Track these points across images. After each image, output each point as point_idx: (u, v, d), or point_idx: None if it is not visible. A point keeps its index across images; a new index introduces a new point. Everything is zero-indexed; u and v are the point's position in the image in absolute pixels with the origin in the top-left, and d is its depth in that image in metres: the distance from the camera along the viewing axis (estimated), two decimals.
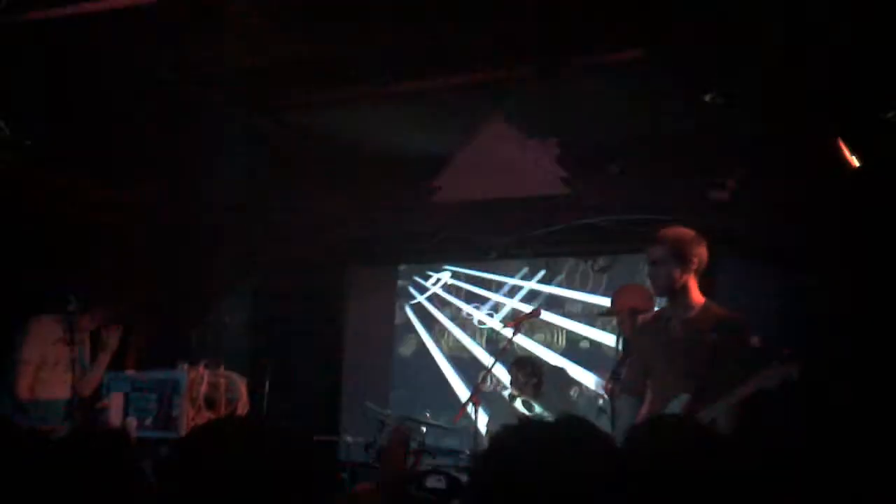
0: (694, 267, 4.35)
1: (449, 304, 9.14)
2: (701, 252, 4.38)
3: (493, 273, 8.98)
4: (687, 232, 4.42)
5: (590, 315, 8.45)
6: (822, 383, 5.15)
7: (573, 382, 8.26)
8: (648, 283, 4.80)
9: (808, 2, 4.84)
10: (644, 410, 4.37)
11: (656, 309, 5.14)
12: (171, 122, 6.66)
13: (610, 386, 4.96)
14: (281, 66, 6.12)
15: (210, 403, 5.77)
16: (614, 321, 6.69)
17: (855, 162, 6.00)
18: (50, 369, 6.18)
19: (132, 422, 5.62)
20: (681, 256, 4.33)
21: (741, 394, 4.02)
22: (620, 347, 5.73)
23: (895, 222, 6.24)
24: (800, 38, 5.18)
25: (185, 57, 5.95)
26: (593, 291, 8.50)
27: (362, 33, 5.60)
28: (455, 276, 9.12)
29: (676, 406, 4.14)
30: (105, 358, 6.35)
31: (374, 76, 6.23)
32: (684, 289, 4.34)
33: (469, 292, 9.04)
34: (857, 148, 6.06)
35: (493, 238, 8.44)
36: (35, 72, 5.76)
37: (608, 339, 8.12)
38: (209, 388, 5.77)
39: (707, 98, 5.71)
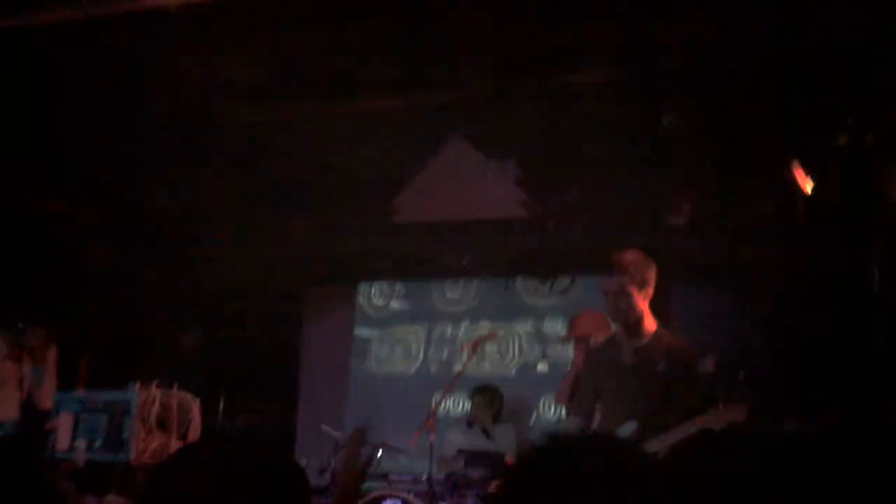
0: (650, 292, 4.34)
1: (406, 325, 9.08)
2: (653, 276, 4.36)
3: (452, 294, 8.94)
4: (640, 255, 4.38)
5: (547, 338, 8.43)
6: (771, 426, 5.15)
7: (532, 409, 8.23)
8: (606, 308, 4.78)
9: (761, 30, 4.90)
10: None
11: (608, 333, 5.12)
12: (129, 137, 6.60)
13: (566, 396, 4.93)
14: (242, 83, 6.10)
15: (162, 425, 5.68)
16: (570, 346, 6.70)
17: (808, 187, 6.08)
18: None
19: (81, 444, 5.51)
20: (642, 283, 4.30)
21: (684, 432, 3.97)
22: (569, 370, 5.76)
23: (848, 246, 6.31)
24: (754, 65, 5.25)
25: (143, 71, 5.91)
26: (552, 313, 8.49)
27: (322, 52, 5.60)
28: (413, 296, 9.07)
29: (623, 434, 4.11)
30: (50, 376, 6.25)
31: (334, 95, 6.23)
32: (640, 315, 4.32)
33: (427, 313, 8.99)
34: (811, 173, 6.14)
35: (452, 258, 8.43)
36: None
37: (565, 362, 8.12)
38: (161, 410, 5.68)
39: (664, 122, 5.76)
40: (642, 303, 4.32)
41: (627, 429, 4.13)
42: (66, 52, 5.51)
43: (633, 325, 4.33)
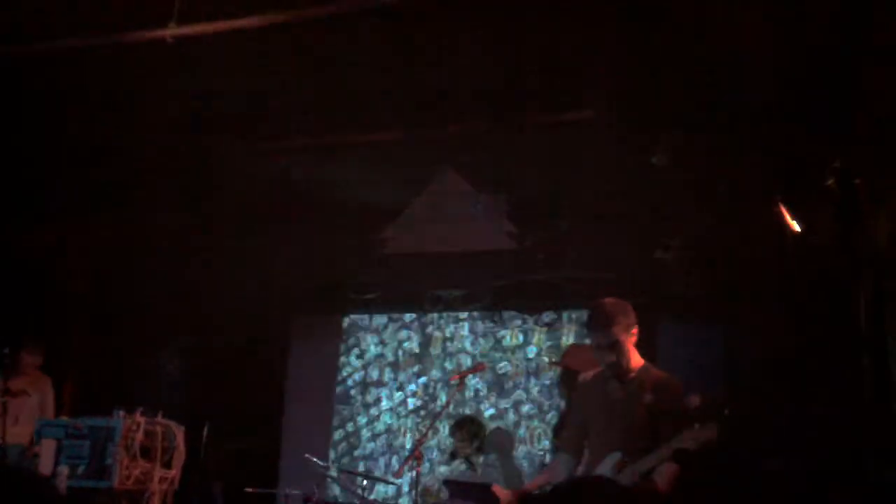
0: (634, 333, 4.38)
1: (394, 356, 9.07)
2: (634, 316, 4.40)
3: (440, 325, 8.94)
4: (619, 301, 4.41)
5: (533, 370, 8.44)
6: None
7: (516, 441, 8.22)
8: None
9: (753, 73, 4.97)
10: (582, 468, 4.37)
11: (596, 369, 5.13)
12: (114, 164, 6.61)
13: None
14: (235, 114, 6.13)
15: (145, 452, 5.65)
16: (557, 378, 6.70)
17: (796, 226, 6.13)
18: None
19: (64, 469, 5.47)
20: (628, 327, 4.35)
21: (662, 455, 4.05)
22: (563, 405, 5.76)
23: (835, 285, 6.35)
24: (743, 107, 5.31)
25: (137, 100, 5.94)
26: (538, 346, 8.50)
27: (315, 85, 5.64)
28: (401, 327, 9.06)
29: (609, 463, 4.17)
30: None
31: (327, 127, 6.26)
32: (627, 354, 4.36)
33: (414, 344, 8.99)
34: (799, 213, 6.19)
35: (440, 290, 8.44)
36: None
37: (552, 395, 8.14)
38: (145, 437, 5.65)
39: (653, 160, 5.81)
40: (630, 345, 4.37)
41: (612, 459, 4.16)
42: (62, 82, 5.54)
43: (617, 362, 4.37)
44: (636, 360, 4.39)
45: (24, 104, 5.77)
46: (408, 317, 9.03)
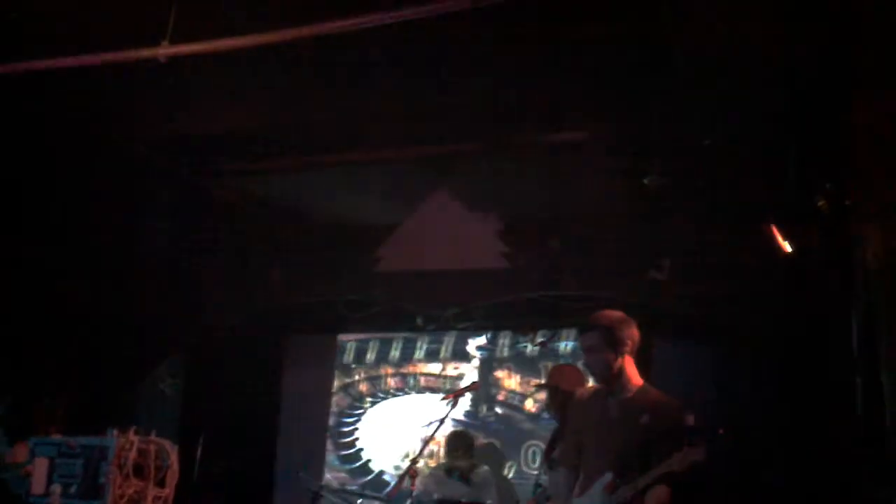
0: (628, 349, 4.37)
1: (387, 374, 9.08)
2: (633, 334, 4.39)
3: (433, 345, 8.95)
4: (617, 315, 4.42)
5: (527, 388, 8.46)
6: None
7: (508, 458, 8.23)
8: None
9: (746, 94, 5.01)
10: (577, 485, 4.37)
11: (594, 385, 5.15)
12: (110, 184, 6.62)
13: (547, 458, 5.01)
14: (226, 133, 6.15)
15: (138, 471, 5.64)
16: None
17: (787, 247, 6.16)
18: None
19: (57, 488, 5.46)
20: (614, 341, 4.34)
21: (650, 477, 4.04)
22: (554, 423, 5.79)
23: (827, 305, 6.38)
24: (736, 128, 5.34)
25: (131, 121, 5.96)
26: (531, 365, 8.52)
27: (308, 103, 5.67)
28: (395, 347, 9.07)
29: (599, 486, 4.16)
30: None
31: (318, 145, 6.29)
32: (621, 371, 4.36)
33: (408, 363, 9.00)
34: (791, 233, 6.22)
35: (433, 309, 8.45)
36: None
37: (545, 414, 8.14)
38: (138, 456, 5.64)
39: (646, 181, 5.84)
40: (618, 360, 4.36)
41: (602, 481, 4.16)
42: (56, 102, 5.56)
43: (613, 380, 4.37)
44: (634, 378, 4.38)
45: (21, 122, 5.78)
46: (402, 335, 9.04)
